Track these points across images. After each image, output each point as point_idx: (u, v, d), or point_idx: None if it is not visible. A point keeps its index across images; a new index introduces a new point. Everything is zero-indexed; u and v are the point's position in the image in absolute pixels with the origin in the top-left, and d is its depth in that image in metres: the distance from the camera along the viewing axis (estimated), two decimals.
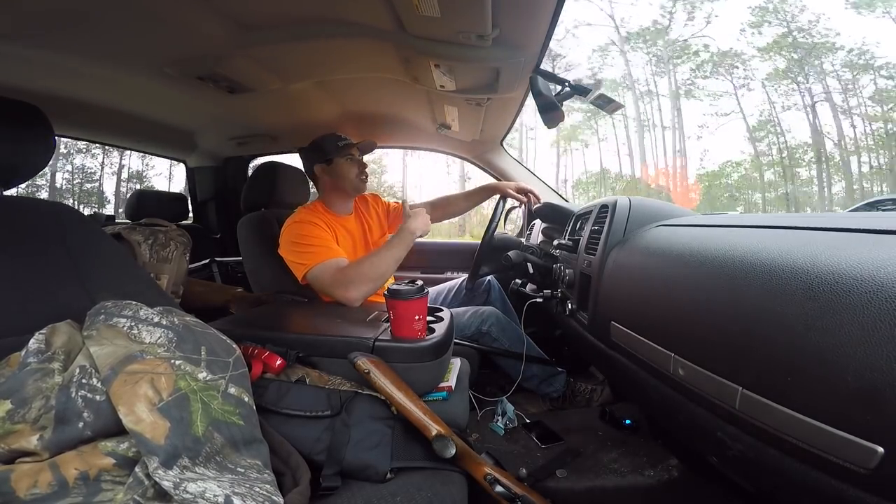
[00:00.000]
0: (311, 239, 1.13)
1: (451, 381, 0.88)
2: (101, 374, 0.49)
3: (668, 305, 0.60)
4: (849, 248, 0.40)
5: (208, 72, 1.14)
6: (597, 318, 0.84)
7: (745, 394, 0.43)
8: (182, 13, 0.88)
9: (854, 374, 0.33)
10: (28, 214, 0.71)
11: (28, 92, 1.19)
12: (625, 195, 0.95)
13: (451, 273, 2.00)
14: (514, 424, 1.23)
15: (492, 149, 1.83)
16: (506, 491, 0.61)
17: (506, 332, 1.29)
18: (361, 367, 0.68)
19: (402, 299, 0.77)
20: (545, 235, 1.61)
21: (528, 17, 0.83)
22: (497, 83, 1.10)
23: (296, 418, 0.66)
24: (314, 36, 0.99)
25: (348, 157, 1.28)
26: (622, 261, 0.79)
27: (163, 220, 1.26)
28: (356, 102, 1.57)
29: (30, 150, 0.72)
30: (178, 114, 1.62)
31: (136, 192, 1.87)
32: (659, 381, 0.61)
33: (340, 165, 1.27)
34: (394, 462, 0.63)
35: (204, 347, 0.58)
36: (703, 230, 0.66)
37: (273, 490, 0.48)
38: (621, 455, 1.07)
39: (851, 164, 14.83)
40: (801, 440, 0.37)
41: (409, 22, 0.87)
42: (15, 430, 0.46)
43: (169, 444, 0.46)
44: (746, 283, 0.46)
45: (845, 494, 0.35)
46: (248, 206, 1.44)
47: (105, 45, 1.00)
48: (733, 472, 0.61)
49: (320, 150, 1.28)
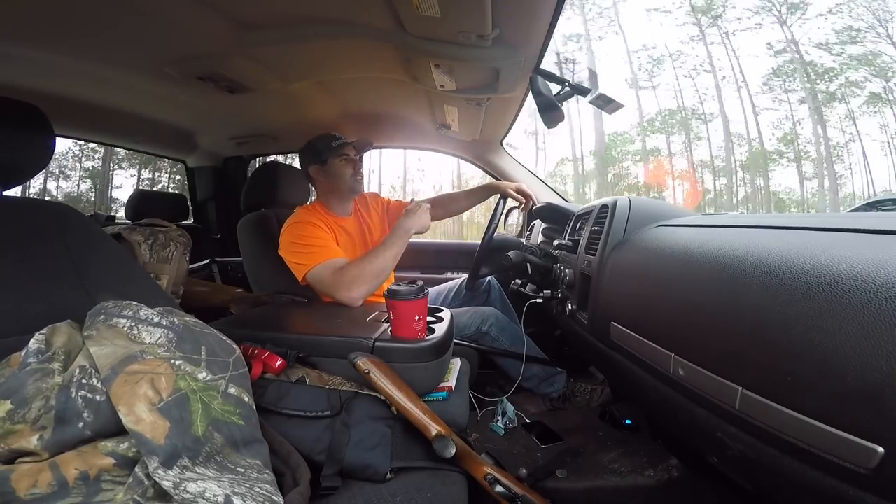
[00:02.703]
0: (311, 239, 1.13)
1: (451, 381, 0.88)
2: (101, 375, 0.49)
3: (668, 305, 0.60)
4: (849, 248, 0.40)
5: (208, 72, 1.14)
6: (597, 318, 0.84)
7: (745, 394, 0.43)
8: (182, 13, 0.88)
9: (854, 374, 0.33)
10: (28, 214, 0.71)
11: (28, 92, 1.19)
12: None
13: (451, 273, 2.00)
14: (514, 424, 1.23)
15: (492, 149, 1.83)
16: (506, 491, 0.61)
17: (506, 333, 1.29)
18: (361, 367, 0.68)
19: (402, 300, 0.77)
20: (545, 236, 1.61)
21: (528, 17, 0.83)
22: (497, 83, 1.09)
23: (296, 418, 0.66)
24: (314, 36, 0.99)
25: (343, 157, 1.26)
26: (622, 261, 0.79)
27: (163, 221, 1.26)
28: (356, 102, 1.57)
29: (30, 150, 0.72)
30: (178, 114, 1.62)
31: (136, 193, 1.87)
32: (659, 381, 0.61)
33: (335, 166, 1.26)
34: (394, 462, 0.62)
35: (204, 347, 0.58)
36: (703, 230, 0.66)
37: (273, 490, 0.48)
38: (621, 455, 1.07)
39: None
40: (801, 440, 0.37)
41: (409, 22, 0.87)
42: (15, 430, 0.46)
43: (169, 444, 0.46)
44: (746, 284, 0.46)
45: (845, 494, 0.35)
46: (248, 206, 1.44)
47: (105, 45, 1.00)
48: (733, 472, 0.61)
49: (315, 151, 1.27)
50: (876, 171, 14.35)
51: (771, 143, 15.94)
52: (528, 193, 1.46)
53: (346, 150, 1.27)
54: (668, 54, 17.52)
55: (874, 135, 14.94)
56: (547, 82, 1.07)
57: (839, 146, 15.25)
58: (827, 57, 15.24)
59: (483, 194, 1.53)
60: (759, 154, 15.70)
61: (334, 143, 1.25)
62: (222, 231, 2.22)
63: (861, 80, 14.93)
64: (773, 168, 15.85)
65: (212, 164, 2.16)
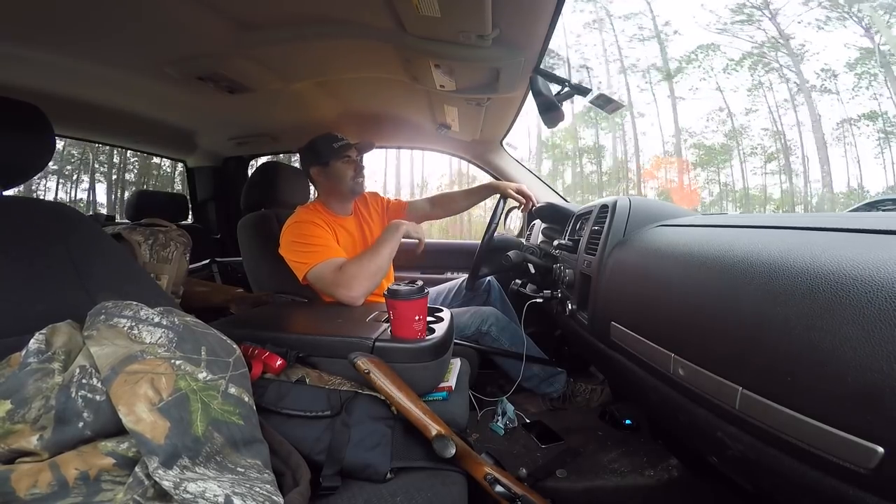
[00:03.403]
0: (312, 238, 1.13)
1: (451, 381, 0.88)
2: (101, 374, 0.49)
3: (668, 305, 0.60)
4: (849, 249, 0.40)
5: (208, 72, 1.14)
6: (597, 318, 0.84)
7: (745, 394, 0.43)
8: (182, 13, 0.88)
9: (854, 374, 0.33)
10: (28, 214, 0.71)
11: (28, 92, 1.19)
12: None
13: (451, 273, 2.00)
14: (514, 424, 1.23)
15: (492, 149, 1.83)
16: (506, 491, 0.61)
17: (506, 332, 1.29)
18: (361, 367, 0.68)
19: (402, 299, 0.77)
20: (545, 235, 1.61)
21: (528, 17, 0.83)
22: (497, 83, 1.10)
23: (296, 418, 0.66)
24: (314, 36, 0.99)
25: (344, 158, 1.25)
26: (622, 261, 0.79)
27: (163, 221, 1.26)
28: (356, 102, 1.57)
29: (30, 150, 0.72)
30: (178, 114, 1.62)
31: (136, 193, 1.87)
32: (659, 381, 0.61)
33: (336, 167, 1.25)
34: (394, 462, 0.63)
35: (204, 347, 0.58)
36: (704, 230, 0.66)
37: (273, 490, 0.48)
38: (621, 455, 1.07)
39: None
40: (801, 440, 0.37)
41: (410, 22, 0.87)
42: (15, 430, 0.46)
43: (169, 443, 0.46)
44: (746, 284, 0.46)
45: (845, 494, 0.35)
46: (249, 205, 1.44)
47: (105, 46, 1.00)
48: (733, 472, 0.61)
49: (316, 152, 1.26)
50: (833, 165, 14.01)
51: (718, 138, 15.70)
52: (528, 195, 1.46)
53: (348, 151, 1.26)
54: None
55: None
56: (547, 82, 1.07)
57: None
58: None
59: (482, 194, 1.53)
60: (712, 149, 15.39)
61: (336, 145, 1.24)
62: (222, 231, 2.22)
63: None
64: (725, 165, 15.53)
65: (212, 165, 2.16)
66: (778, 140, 14.86)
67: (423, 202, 1.52)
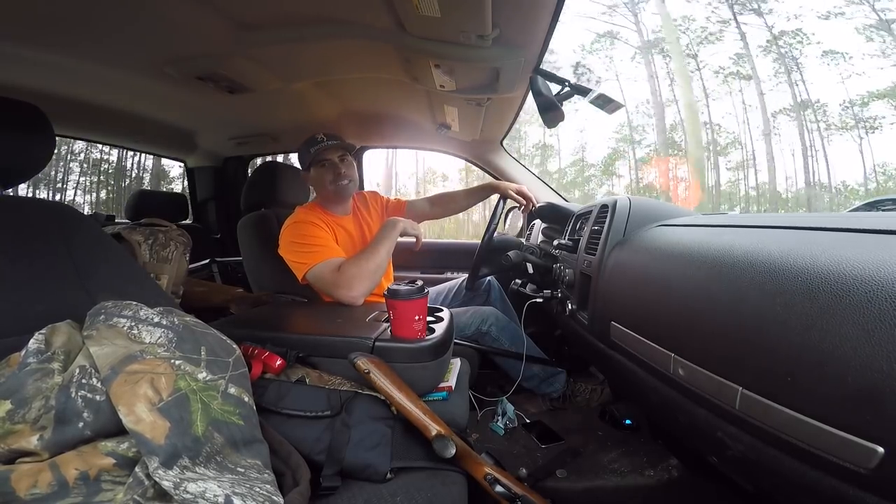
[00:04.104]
0: (311, 238, 1.13)
1: (451, 381, 0.88)
2: (101, 374, 0.49)
3: (668, 305, 0.60)
4: (849, 248, 0.40)
5: (208, 72, 1.14)
6: (597, 318, 0.84)
7: (745, 394, 0.43)
8: (182, 13, 0.88)
9: (854, 374, 0.33)
10: (28, 214, 0.71)
11: (28, 92, 1.19)
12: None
13: (451, 273, 2.00)
14: (514, 424, 1.23)
15: (492, 149, 1.83)
16: (506, 491, 0.61)
17: (506, 332, 1.29)
18: (361, 367, 0.68)
19: (401, 299, 0.77)
20: (545, 235, 1.61)
21: (528, 17, 0.83)
22: (497, 83, 1.10)
23: (296, 418, 0.66)
24: (314, 36, 0.99)
25: (321, 163, 1.23)
26: (622, 261, 0.79)
27: (163, 220, 1.26)
28: (356, 102, 1.57)
29: (30, 150, 0.72)
30: (178, 114, 1.62)
31: (136, 192, 1.87)
32: (659, 381, 0.61)
33: (315, 173, 1.25)
34: (394, 462, 0.63)
35: (204, 347, 0.58)
36: (704, 230, 0.66)
37: (273, 490, 0.48)
38: (621, 455, 1.07)
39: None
40: (801, 440, 0.37)
41: (410, 22, 0.87)
42: (15, 430, 0.46)
43: (169, 444, 0.46)
44: (746, 283, 0.46)
45: (845, 494, 0.35)
46: (248, 205, 1.44)
47: (105, 46, 1.01)
48: (733, 472, 0.61)
49: (301, 157, 1.29)
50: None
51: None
52: (528, 195, 1.46)
53: (325, 154, 1.23)
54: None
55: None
56: (547, 82, 1.07)
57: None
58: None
59: (482, 194, 1.53)
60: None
61: (313, 150, 1.21)
62: (222, 231, 2.22)
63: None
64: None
65: (212, 165, 2.16)
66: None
67: (423, 201, 1.52)
